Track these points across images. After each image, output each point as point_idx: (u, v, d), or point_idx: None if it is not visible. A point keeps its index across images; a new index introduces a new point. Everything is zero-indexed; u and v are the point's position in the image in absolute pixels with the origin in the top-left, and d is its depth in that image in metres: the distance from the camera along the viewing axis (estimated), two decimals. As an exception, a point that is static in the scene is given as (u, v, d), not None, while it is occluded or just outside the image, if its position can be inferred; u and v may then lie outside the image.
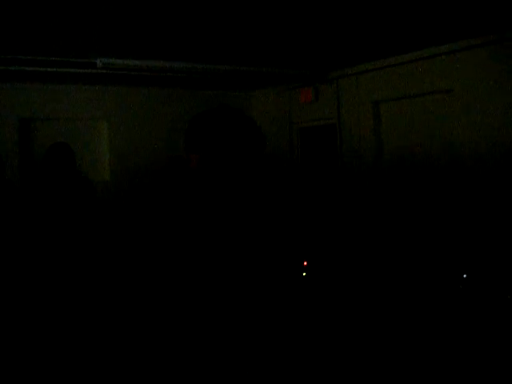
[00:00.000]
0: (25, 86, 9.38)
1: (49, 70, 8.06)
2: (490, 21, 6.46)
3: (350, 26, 6.51)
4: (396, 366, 5.39)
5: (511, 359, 5.15)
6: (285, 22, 6.30)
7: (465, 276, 6.40)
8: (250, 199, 3.00)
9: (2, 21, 5.79)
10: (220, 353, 2.79)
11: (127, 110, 10.31)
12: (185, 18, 5.98)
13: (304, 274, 7.30)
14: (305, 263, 7.34)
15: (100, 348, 5.63)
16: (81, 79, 9.18)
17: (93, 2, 5.28)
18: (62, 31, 6.33)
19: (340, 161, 9.58)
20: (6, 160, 7.13)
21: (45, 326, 5.67)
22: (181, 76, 8.94)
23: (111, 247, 6.80)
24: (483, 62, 7.29)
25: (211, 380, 2.75)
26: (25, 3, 5.24)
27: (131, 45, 7.10)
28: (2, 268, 5.76)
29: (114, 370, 5.33)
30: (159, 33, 6.55)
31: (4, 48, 6.97)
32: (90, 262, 6.14)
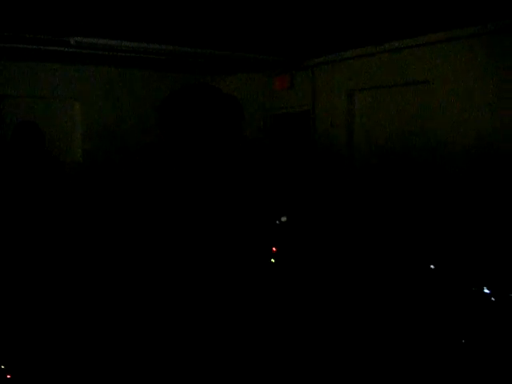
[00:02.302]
0: (-2, 62, 9.27)
1: (21, 46, 7.95)
2: (471, 13, 6.47)
3: (328, 13, 6.50)
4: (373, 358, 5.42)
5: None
6: (263, 8, 6.28)
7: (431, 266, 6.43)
8: (224, 187, 2.96)
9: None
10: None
11: (100, 91, 10.21)
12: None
13: (272, 260, 7.33)
14: (274, 249, 7.34)
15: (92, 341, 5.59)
16: (54, 58, 9.06)
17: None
18: (36, 8, 6.24)
19: (313, 148, 9.59)
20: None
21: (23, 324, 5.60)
22: (154, 58, 8.88)
23: (79, 230, 6.72)
24: (462, 54, 7.31)
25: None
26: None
27: (105, 24, 7.02)
28: None
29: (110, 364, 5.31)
30: (134, 13, 6.49)
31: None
32: (56, 246, 6.06)
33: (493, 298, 5.64)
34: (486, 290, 5.73)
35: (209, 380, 2.77)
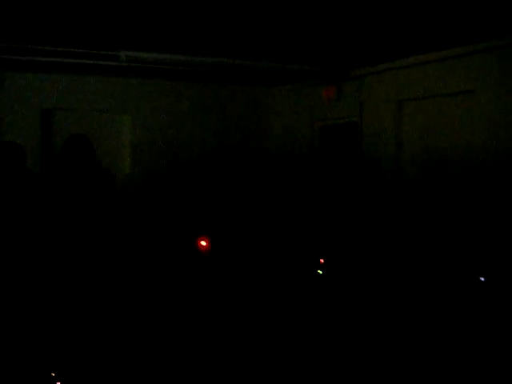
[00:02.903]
0: (48, 76, 9.44)
1: (72, 61, 8.09)
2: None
3: (375, 24, 6.47)
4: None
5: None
6: (310, 19, 6.28)
7: (482, 279, 6.34)
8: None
9: (27, 11, 5.83)
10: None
11: (149, 104, 10.32)
12: (209, 12, 5.98)
13: (320, 271, 7.31)
14: (321, 261, 7.32)
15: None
16: (104, 71, 9.21)
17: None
18: (86, 23, 6.36)
19: (360, 160, 9.53)
20: (27, 150, 7.15)
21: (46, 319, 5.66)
22: (204, 70, 8.94)
23: (127, 240, 6.80)
24: (505, 63, 7.21)
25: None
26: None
27: (155, 38, 7.11)
28: (15, 259, 5.76)
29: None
30: (183, 27, 6.55)
31: (29, 38, 7.01)
32: (106, 256, 6.13)
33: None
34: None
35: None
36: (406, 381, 5.25)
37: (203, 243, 6.97)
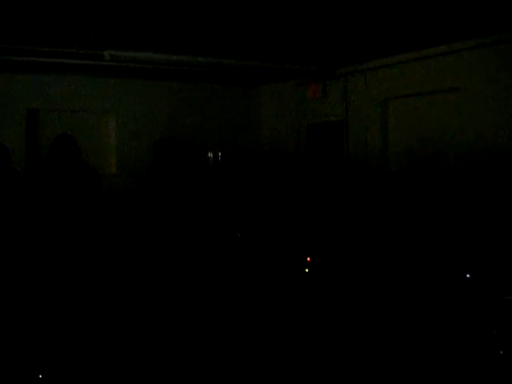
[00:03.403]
0: (34, 76, 9.41)
1: (57, 61, 8.07)
2: (500, 20, 6.42)
3: (360, 22, 6.48)
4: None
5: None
6: (294, 18, 6.29)
7: (468, 276, 6.37)
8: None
9: (12, 12, 5.80)
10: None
11: (135, 103, 10.31)
12: (193, 12, 5.97)
13: (306, 270, 7.32)
14: (308, 259, 7.34)
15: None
16: (89, 71, 9.18)
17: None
18: (70, 23, 6.34)
19: (346, 157, 9.56)
20: (13, 150, 7.14)
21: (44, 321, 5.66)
22: (187, 69, 8.93)
23: (114, 240, 6.80)
24: (492, 61, 7.24)
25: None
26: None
27: (138, 37, 7.10)
28: (2, 260, 5.76)
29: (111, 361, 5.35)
30: (167, 26, 6.55)
31: (13, 39, 6.98)
32: (92, 256, 6.13)
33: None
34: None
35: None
36: (392, 377, 5.27)
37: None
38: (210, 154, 9.60)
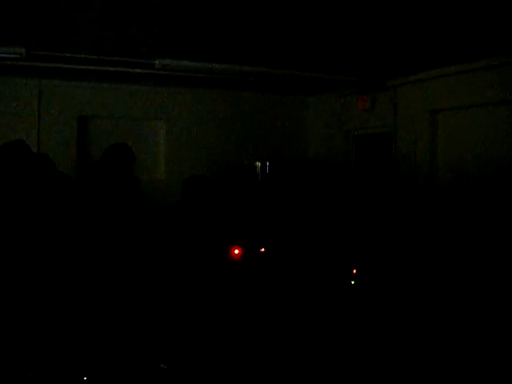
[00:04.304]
0: (85, 84, 9.57)
1: (109, 69, 8.19)
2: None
3: (410, 33, 6.45)
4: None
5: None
6: (345, 30, 6.29)
7: None
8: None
9: (65, 20, 5.91)
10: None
11: (184, 112, 10.41)
12: (244, 22, 6.01)
13: (352, 282, 7.28)
14: (354, 271, 7.29)
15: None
16: (140, 79, 9.30)
17: (154, 3, 5.35)
18: (122, 32, 6.43)
19: (394, 170, 9.49)
20: (64, 156, 7.20)
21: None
22: (238, 78, 8.99)
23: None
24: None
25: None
26: (84, 4, 5.35)
27: (190, 46, 7.16)
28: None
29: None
30: (218, 35, 6.60)
31: (65, 46, 7.11)
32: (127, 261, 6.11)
33: None
34: None
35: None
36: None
37: (236, 252, 6.99)
38: (258, 164, 9.59)
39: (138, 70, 8.30)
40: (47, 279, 5.60)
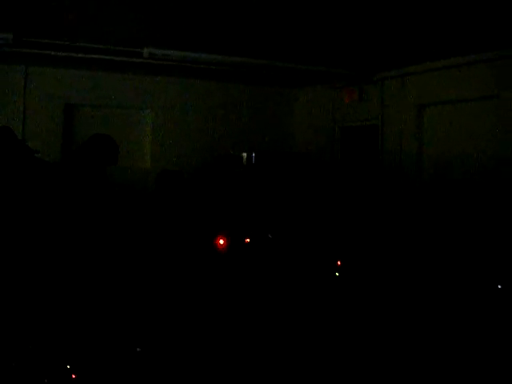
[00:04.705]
0: (73, 72, 9.51)
1: (96, 57, 8.15)
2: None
3: (398, 27, 6.47)
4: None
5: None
6: (335, 23, 6.30)
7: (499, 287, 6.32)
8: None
9: (52, 6, 5.89)
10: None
11: (170, 101, 10.38)
12: (232, 12, 6.00)
13: (337, 273, 7.31)
14: (338, 263, 7.32)
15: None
16: (127, 68, 9.26)
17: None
18: (111, 20, 6.41)
19: (380, 162, 9.52)
20: (49, 143, 7.11)
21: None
22: (226, 69, 8.97)
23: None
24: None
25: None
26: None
27: (178, 36, 7.15)
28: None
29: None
30: (207, 25, 6.59)
31: (52, 33, 7.08)
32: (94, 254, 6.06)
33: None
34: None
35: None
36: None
37: (221, 242, 7.00)
38: (244, 155, 9.58)
39: (125, 59, 8.27)
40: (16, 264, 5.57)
